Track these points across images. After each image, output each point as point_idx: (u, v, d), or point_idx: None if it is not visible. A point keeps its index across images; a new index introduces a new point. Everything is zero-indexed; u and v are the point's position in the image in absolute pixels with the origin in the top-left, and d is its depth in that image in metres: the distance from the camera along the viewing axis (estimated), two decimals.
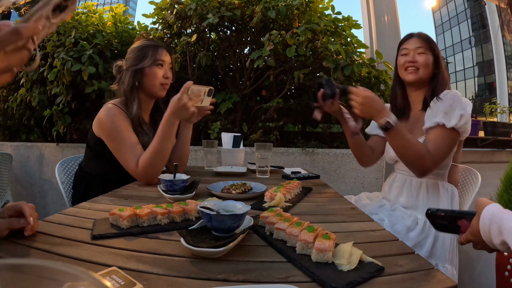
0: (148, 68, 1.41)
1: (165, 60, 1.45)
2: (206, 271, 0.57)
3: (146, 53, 1.42)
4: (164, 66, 1.45)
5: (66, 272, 0.21)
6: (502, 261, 1.01)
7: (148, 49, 1.43)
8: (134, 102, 1.40)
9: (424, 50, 1.37)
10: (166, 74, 1.45)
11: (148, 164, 1.26)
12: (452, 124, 1.24)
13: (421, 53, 1.37)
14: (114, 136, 1.33)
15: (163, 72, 1.44)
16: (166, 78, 1.45)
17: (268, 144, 1.55)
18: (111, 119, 1.33)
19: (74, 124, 3.03)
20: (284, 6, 2.45)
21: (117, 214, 0.76)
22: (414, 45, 1.39)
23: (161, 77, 1.43)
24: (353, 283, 0.53)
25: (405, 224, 1.29)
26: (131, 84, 1.41)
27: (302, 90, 2.97)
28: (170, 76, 1.47)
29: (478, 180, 1.47)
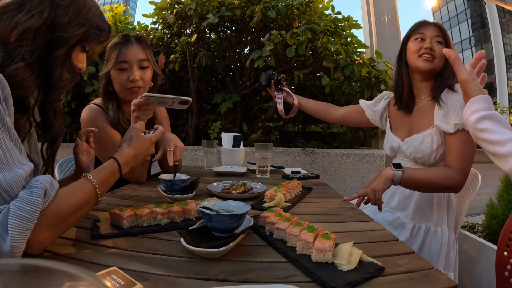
0: (113, 71, 1.29)
1: (128, 59, 1.27)
2: (206, 271, 0.57)
3: (109, 55, 1.29)
4: (130, 67, 1.27)
5: (66, 272, 0.21)
6: (502, 261, 1.01)
7: (112, 49, 1.29)
8: (109, 106, 1.32)
9: (441, 40, 1.28)
10: (131, 76, 1.26)
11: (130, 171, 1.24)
12: None
13: (439, 42, 1.28)
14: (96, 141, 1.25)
15: (127, 74, 1.27)
16: (131, 81, 1.27)
17: (268, 144, 1.55)
18: (92, 123, 1.26)
19: (74, 124, 3.03)
20: (284, 6, 2.45)
21: (117, 214, 0.76)
22: (432, 32, 1.29)
23: (124, 81, 1.27)
24: (353, 283, 0.53)
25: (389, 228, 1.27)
26: (103, 90, 1.34)
27: (302, 90, 2.97)
28: (138, 77, 1.27)
29: (478, 180, 1.47)
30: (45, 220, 0.57)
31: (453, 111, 1.19)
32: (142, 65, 1.30)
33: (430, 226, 1.29)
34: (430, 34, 1.29)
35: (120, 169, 0.79)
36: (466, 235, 1.81)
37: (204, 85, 2.96)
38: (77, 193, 0.66)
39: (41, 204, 0.56)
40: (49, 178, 0.60)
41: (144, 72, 1.31)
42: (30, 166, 0.60)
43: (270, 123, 2.78)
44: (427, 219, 1.30)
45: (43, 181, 0.58)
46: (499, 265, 1.01)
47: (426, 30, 1.30)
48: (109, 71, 1.30)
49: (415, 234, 1.28)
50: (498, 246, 1.03)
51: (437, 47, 1.27)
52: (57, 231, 0.61)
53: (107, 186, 0.75)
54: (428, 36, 1.29)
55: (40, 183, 0.57)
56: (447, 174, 1.18)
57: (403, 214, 1.33)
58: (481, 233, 1.97)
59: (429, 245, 1.26)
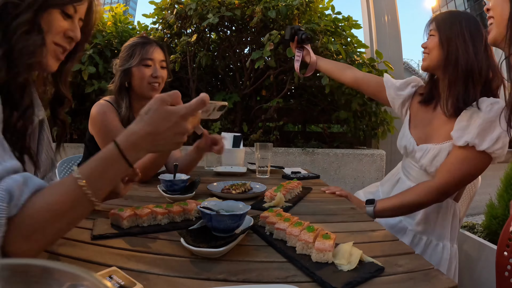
0: (135, 67, 1.35)
1: (153, 58, 1.36)
2: (206, 271, 0.57)
3: (134, 51, 1.35)
4: (154, 65, 1.36)
5: (66, 272, 0.21)
6: (502, 261, 1.01)
7: (136, 47, 1.36)
8: (123, 103, 1.35)
9: (433, 32, 1.17)
10: (154, 73, 1.35)
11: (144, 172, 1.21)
12: (484, 147, 1.05)
13: (431, 35, 1.19)
14: (104, 134, 1.29)
15: (151, 71, 1.35)
16: (155, 77, 1.35)
17: (268, 144, 1.55)
18: (102, 117, 1.30)
19: (74, 124, 3.03)
20: (284, 6, 2.45)
21: (117, 214, 0.76)
22: (428, 29, 1.22)
23: (148, 76, 1.35)
24: (353, 283, 0.53)
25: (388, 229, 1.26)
26: (119, 85, 1.37)
27: (302, 90, 2.97)
28: (160, 75, 1.37)
29: (478, 180, 1.47)
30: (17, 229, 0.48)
31: (472, 126, 1.08)
32: (162, 65, 1.40)
33: (432, 239, 1.25)
34: (427, 30, 1.24)
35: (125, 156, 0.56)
36: (466, 235, 1.81)
37: (204, 85, 2.96)
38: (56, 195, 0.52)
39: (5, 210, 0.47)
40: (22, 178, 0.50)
41: (163, 72, 1.40)
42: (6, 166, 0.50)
43: (270, 123, 2.78)
44: (430, 231, 1.25)
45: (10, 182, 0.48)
46: (499, 265, 1.01)
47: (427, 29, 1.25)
48: (131, 67, 1.35)
49: (416, 243, 1.25)
50: (498, 246, 1.02)
51: (428, 40, 1.20)
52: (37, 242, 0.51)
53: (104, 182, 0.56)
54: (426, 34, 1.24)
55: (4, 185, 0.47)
56: (422, 190, 1.15)
57: (407, 219, 1.29)
58: (481, 233, 1.97)
59: (428, 257, 1.22)
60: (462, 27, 1.13)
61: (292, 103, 2.89)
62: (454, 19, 1.16)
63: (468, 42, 1.12)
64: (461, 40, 1.12)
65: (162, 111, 0.58)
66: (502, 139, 1.05)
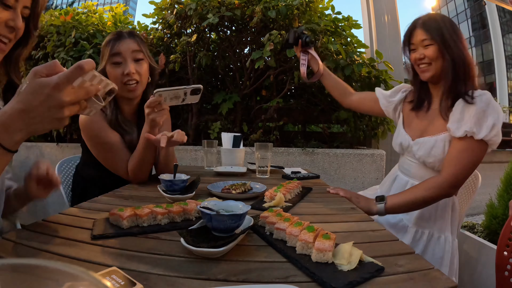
0: (108, 68, 1.25)
1: (121, 51, 1.22)
2: (206, 271, 0.57)
3: (103, 52, 1.25)
4: (124, 60, 1.23)
5: (66, 272, 0.21)
6: (502, 261, 1.01)
7: (105, 46, 1.25)
8: (107, 106, 1.25)
9: (430, 41, 1.21)
10: (126, 69, 1.21)
11: (136, 171, 1.27)
12: (482, 135, 1.11)
13: (428, 45, 1.22)
14: (95, 143, 1.26)
15: (122, 68, 1.22)
16: (127, 74, 1.22)
17: (268, 144, 1.55)
18: (90, 125, 1.24)
19: (74, 124, 3.03)
20: (284, 6, 2.45)
21: (117, 214, 0.76)
22: (418, 37, 1.24)
23: (119, 75, 1.22)
24: (353, 283, 0.53)
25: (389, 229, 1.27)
26: None
27: (302, 90, 2.97)
28: (133, 70, 1.22)
29: (478, 180, 1.47)
30: None
31: (467, 117, 1.14)
32: (136, 57, 1.25)
33: (433, 232, 1.27)
34: (417, 41, 1.25)
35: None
36: (466, 235, 1.81)
37: (204, 85, 2.95)
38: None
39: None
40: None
41: (140, 65, 1.25)
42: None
43: (270, 123, 2.78)
44: (430, 225, 1.28)
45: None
46: (499, 265, 1.01)
47: (414, 38, 1.26)
48: (104, 68, 1.25)
49: (418, 238, 1.26)
50: (498, 246, 1.03)
51: (426, 51, 1.22)
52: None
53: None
54: (417, 44, 1.25)
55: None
56: (432, 185, 1.17)
57: (406, 217, 1.31)
58: (481, 233, 1.97)
59: (431, 251, 1.24)
60: (450, 30, 1.20)
61: (292, 103, 2.89)
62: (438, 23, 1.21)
63: (459, 43, 1.19)
64: (454, 43, 1.18)
65: (33, 84, 0.51)
66: (497, 126, 1.12)
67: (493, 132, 1.12)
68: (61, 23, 2.92)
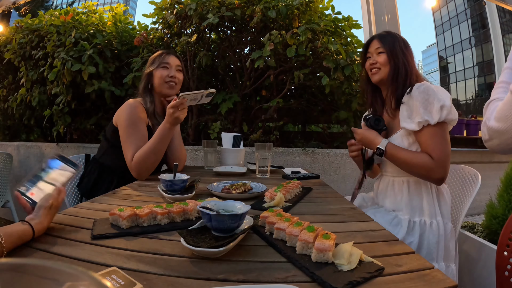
0: (156, 70, 1.61)
1: (169, 62, 1.62)
2: (206, 271, 0.57)
3: (155, 59, 1.65)
4: (170, 68, 1.62)
5: (66, 272, 0.21)
6: (502, 261, 1.01)
7: (157, 56, 1.65)
8: (147, 99, 1.60)
9: (382, 49, 1.40)
10: (170, 73, 1.61)
11: (140, 160, 1.39)
12: (435, 119, 1.23)
13: (380, 52, 1.40)
14: (126, 125, 1.46)
15: (168, 72, 1.61)
16: (171, 77, 1.61)
17: (268, 144, 1.55)
18: (130, 110, 1.49)
19: (74, 124, 3.03)
20: (284, 6, 2.45)
21: (117, 214, 0.76)
22: (374, 46, 1.44)
23: (165, 76, 1.60)
24: (353, 283, 0.53)
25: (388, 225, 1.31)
26: (144, 85, 1.64)
27: (302, 90, 2.97)
28: (175, 75, 1.63)
29: (478, 180, 1.47)
30: None
31: (415, 111, 1.27)
32: (178, 69, 1.66)
33: (424, 219, 1.32)
34: (372, 49, 1.43)
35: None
36: (466, 235, 1.81)
37: (204, 85, 2.96)
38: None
39: None
40: None
41: (179, 74, 1.65)
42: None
43: (270, 123, 2.78)
44: (420, 212, 1.34)
45: None
46: (499, 265, 1.01)
47: (370, 47, 1.45)
48: (152, 70, 1.61)
49: (411, 228, 1.31)
50: (498, 246, 1.03)
51: (378, 58, 1.40)
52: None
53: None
54: (372, 52, 1.43)
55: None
56: (426, 163, 1.25)
57: (399, 212, 1.37)
58: (481, 233, 1.97)
59: (427, 238, 1.29)
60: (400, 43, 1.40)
61: (292, 103, 2.89)
62: (393, 37, 1.42)
63: (406, 55, 1.39)
64: (402, 54, 1.38)
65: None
66: (445, 107, 1.24)
67: (444, 112, 1.24)
68: (61, 23, 2.92)
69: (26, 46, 3.04)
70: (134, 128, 1.46)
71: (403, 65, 1.36)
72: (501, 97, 0.95)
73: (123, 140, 1.46)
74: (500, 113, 0.94)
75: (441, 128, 1.26)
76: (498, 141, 0.98)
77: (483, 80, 40.55)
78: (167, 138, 1.42)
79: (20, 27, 3.15)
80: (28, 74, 2.98)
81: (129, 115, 1.48)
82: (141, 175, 1.41)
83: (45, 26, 2.98)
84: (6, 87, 3.40)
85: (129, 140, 1.44)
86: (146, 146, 1.40)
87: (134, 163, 1.39)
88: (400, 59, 1.37)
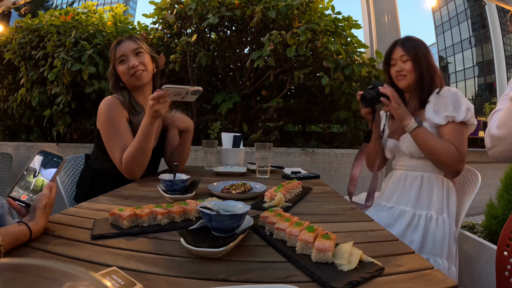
0: (117, 66, 1.49)
1: (124, 52, 1.47)
2: (206, 271, 0.57)
3: (111, 56, 1.52)
4: (127, 58, 1.47)
5: (66, 272, 0.21)
6: (502, 261, 1.01)
7: (112, 51, 1.52)
8: (121, 94, 1.49)
9: (407, 57, 1.46)
10: (130, 63, 1.46)
11: (129, 162, 1.32)
12: (461, 117, 1.31)
13: (405, 60, 1.46)
14: (107, 127, 1.39)
15: (127, 64, 1.47)
16: (132, 67, 1.46)
17: (268, 144, 1.55)
18: (107, 110, 1.39)
19: (74, 124, 3.03)
20: (284, 6, 2.45)
21: (117, 214, 0.76)
22: (398, 53, 1.48)
23: (126, 69, 1.47)
24: (353, 283, 0.53)
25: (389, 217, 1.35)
26: (113, 84, 1.53)
27: (302, 90, 2.97)
28: (134, 63, 1.46)
29: (478, 180, 1.47)
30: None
31: (443, 107, 1.35)
32: (137, 52, 1.49)
33: (431, 214, 1.34)
34: (397, 56, 1.48)
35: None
36: (466, 235, 1.81)
37: (204, 85, 2.96)
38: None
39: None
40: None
41: (141, 57, 1.49)
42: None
43: (270, 123, 2.78)
44: (428, 207, 1.36)
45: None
46: (499, 265, 1.01)
47: (394, 54, 1.50)
48: (113, 67, 1.50)
49: (416, 221, 1.33)
50: (498, 246, 1.02)
51: (404, 65, 1.46)
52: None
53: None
54: (397, 59, 1.48)
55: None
56: (452, 150, 1.31)
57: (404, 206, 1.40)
58: (481, 233, 1.97)
59: (433, 233, 1.29)
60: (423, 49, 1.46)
61: (292, 103, 2.89)
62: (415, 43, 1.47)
63: (429, 60, 1.45)
64: (425, 60, 1.44)
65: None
66: (471, 111, 1.34)
67: (469, 114, 1.33)
68: (61, 23, 2.92)
69: (26, 46, 3.04)
70: (114, 129, 1.37)
71: (427, 71, 1.43)
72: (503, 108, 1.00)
73: (106, 142, 1.38)
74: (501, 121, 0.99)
75: (463, 128, 1.34)
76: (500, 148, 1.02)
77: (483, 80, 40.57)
78: (151, 133, 1.31)
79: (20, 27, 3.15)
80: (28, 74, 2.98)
81: (107, 115, 1.38)
82: (135, 176, 1.36)
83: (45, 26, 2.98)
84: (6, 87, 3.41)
85: (112, 142, 1.37)
86: (133, 146, 1.32)
87: (124, 165, 1.33)
88: (424, 65, 1.44)
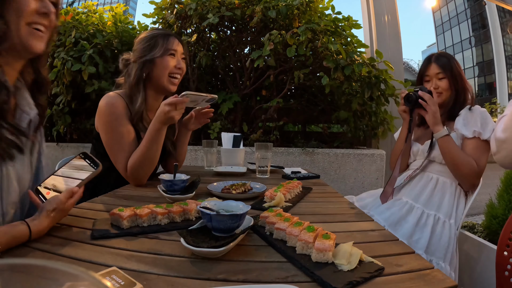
0: (159, 58, 1.30)
1: (177, 49, 1.33)
2: (206, 271, 0.57)
3: (156, 42, 1.30)
4: (176, 56, 1.34)
5: (66, 272, 0.21)
6: (502, 261, 1.01)
7: (158, 38, 1.31)
8: (139, 96, 1.29)
9: (443, 75, 1.50)
10: (178, 64, 1.33)
11: (135, 168, 1.21)
12: (487, 136, 1.35)
13: (441, 78, 1.50)
14: (110, 129, 1.24)
15: (175, 62, 1.33)
16: (179, 68, 1.34)
17: (268, 144, 1.55)
18: (110, 110, 1.23)
19: (74, 124, 3.03)
20: (284, 6, 2.45)
21: (117, 214, 0.76)
22: (433, 71, 1.52)
23: (172, 66, 1.32)
24: (353, 283, 0.53)
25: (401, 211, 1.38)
26: (138, 77, 1.29)
27: (302, 90, 2.97)
28: (182, 66, 1.35)
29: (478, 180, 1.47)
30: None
31: (472, 122, 1.40)
32: (183, 57, 1.38)
33: (439, 216, 1.36)
34: (432, 73, 1.52)
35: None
36: (466, 235, 1.81)
37: (204, 85, 2.96)
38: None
39: None
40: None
41: (184, 65, 1.37)
42: None
43: (270, 123, 2.78)
44: (437, 208, 1.38)
45: None
46: (499, 265, 1.01)
47: (429, 71, 1.53)
48: (155, 57, 1.29)
49: (424, 220, 1.35)
50: (498, 246, 1.03)
51: (440, 83, 1.50)
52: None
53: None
54: (432, 76, 1.52)
55: None
56: (473, 164, 1.35)
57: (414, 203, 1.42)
58: (481, 233, 1.97)
59: (439, 235, 1.31)
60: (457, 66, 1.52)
61: (292, 103, 2.89)
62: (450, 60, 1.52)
63: (462, 76, 1.51)
64: (460, 77, 1.50)
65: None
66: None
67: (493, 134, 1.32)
68: (61, 23, 2.92)
69: None
70: (118, 132, 1.23)
71: (462, 88, 1.49)
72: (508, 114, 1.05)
73: (109, 148, 1.24)
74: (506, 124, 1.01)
75: (486, 146, 1.37)
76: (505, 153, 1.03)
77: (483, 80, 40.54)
78: (160, 140, 1.20)
79: None
80: None
81: (110, 115, 1.23)
82: (141, 183, 1.26)
83: None
84: None
85: (115, 148, 1.23)
86: (139, 153, 1.20)
87: (130, 173, 1.22)
88: (459, 83, 1.49)
